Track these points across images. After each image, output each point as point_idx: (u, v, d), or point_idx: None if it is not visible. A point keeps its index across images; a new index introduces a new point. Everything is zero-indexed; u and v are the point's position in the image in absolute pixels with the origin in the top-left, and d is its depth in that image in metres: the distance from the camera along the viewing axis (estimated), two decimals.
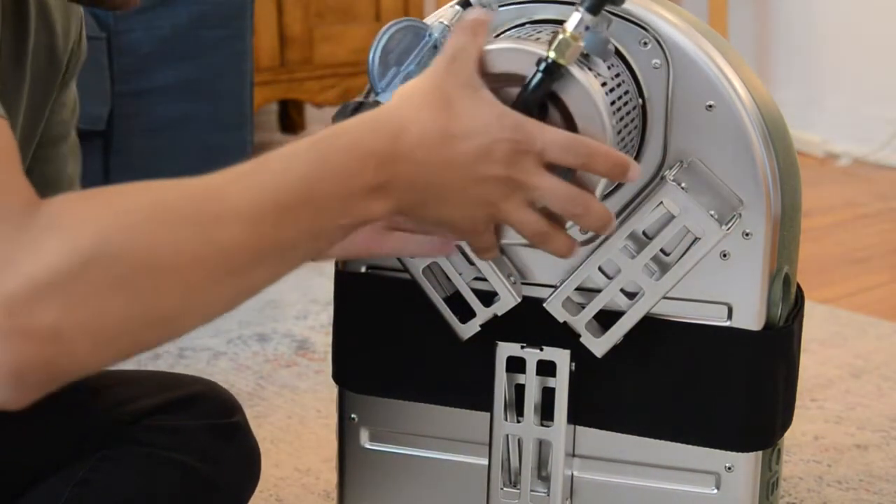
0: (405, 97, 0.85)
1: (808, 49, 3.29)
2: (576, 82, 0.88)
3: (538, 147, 0.85)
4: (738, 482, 1.05)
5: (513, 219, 0.86)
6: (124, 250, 0.71)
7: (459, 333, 1.05)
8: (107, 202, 0.73)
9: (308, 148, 0.80)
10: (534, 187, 0.85)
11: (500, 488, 1.08)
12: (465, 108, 0.84)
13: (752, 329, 1.02)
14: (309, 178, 0.79)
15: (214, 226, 0.74)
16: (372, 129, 0.82)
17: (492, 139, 0.84)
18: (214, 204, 0.75)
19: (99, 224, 0.71)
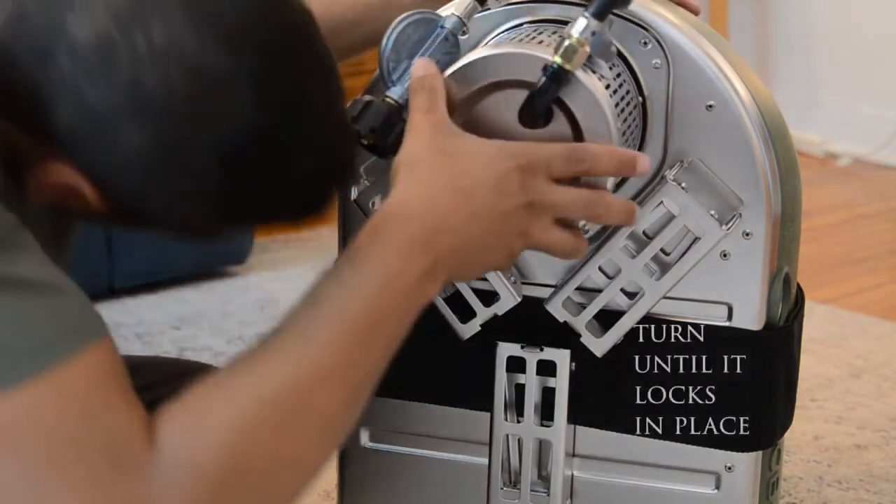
0: (408, 172, 0.86)
1: (808, 49, 3.29)
2: (582, 87, 0.89)
3: (543, 165, 0.87)
4: (738, 482, 1.05)
5: (544, 242, 0.89)
6: (251, 462, 0.74)
7: (460, 333, 1.05)
8: (214, 417, 0.74)
9: (352, 272, 0.81)
10: (552, 204, 0.87)
11: (500, 488, 1.08)
12: (465, 157, 0.86)
13: (752, 329, 1.02)
14: (369, 301, 0.80)
15: (313, 401, 0.77)
16: (398, 220, 0.83)
17: (500, 174, 0.86)
18: (305, 380, 0.77)
19: (220, 448, 0.73)
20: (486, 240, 0.86)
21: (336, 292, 0.80)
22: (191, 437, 0.73)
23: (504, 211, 0.86)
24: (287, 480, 0.76)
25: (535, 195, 0.87)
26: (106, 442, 0.71)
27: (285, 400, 0.76)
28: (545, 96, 0.88)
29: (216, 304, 2.06)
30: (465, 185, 0.85)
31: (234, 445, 0.73)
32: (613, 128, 0.89)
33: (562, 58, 0.88)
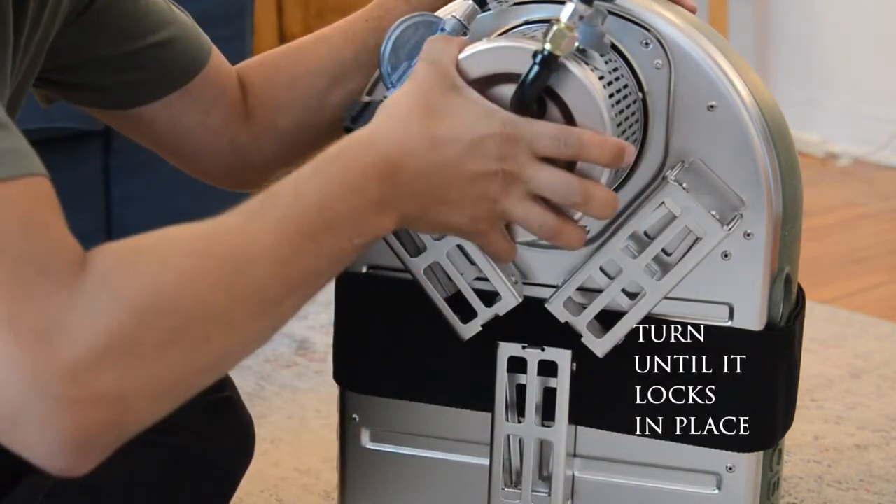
0: (390, 110, 0.87)
1: (808, 49, 3.29)
2: (572, 76, 0.88)
3: (527, 138, 0.86)
4: (739, 482, 1.05)
5: (515, 213, 0.88)
6: (177, 303, 0.73)
7: (461, 333, 1.05)
8: (149, 255, 0.74)
9: (311, 175, 0.82)
10: (528, 178, 0.87)
11: (502, 488, 1.08)
12: (449, 110, 0.86)
13: (753, 329, 1.02)
14: (321, 203, 0.81)
15: (249, 266, 0.77)
16: (364, 145, 0.84)
17: (480, 136, 0.86)
18: (245, 246, 0.77)
19: (148, 279, 0.72)
20: (447, 193, 0.86)
21: (291, 187, 0.81)
22: (121, 267, 0.72)
23: (474, 171, 0.86)
24: (212, 336, 0.75)
25: (512, 165, 0.86)
26: (38, 253, 0.71)
27: (222, 258, 0.76)
28: (535, 83, 0.88)
29: None
30: (438, 134, 0.85)
31: (163, 284, 0.72)
32: (607, 118, 0.89)
33: (550, 43, 0.87)
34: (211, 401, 1.12)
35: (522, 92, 0.88)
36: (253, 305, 0.77)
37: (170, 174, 2.11)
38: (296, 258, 0.79)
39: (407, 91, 0.87)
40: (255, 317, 0.78)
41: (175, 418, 1.09)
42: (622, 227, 1.01)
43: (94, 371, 0.69)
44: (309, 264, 0.80)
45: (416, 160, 0.85)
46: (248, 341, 0.78)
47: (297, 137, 1.14)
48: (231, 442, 1.13)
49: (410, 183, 0.85)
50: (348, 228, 0.82)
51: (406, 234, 1.05)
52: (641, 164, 1.02)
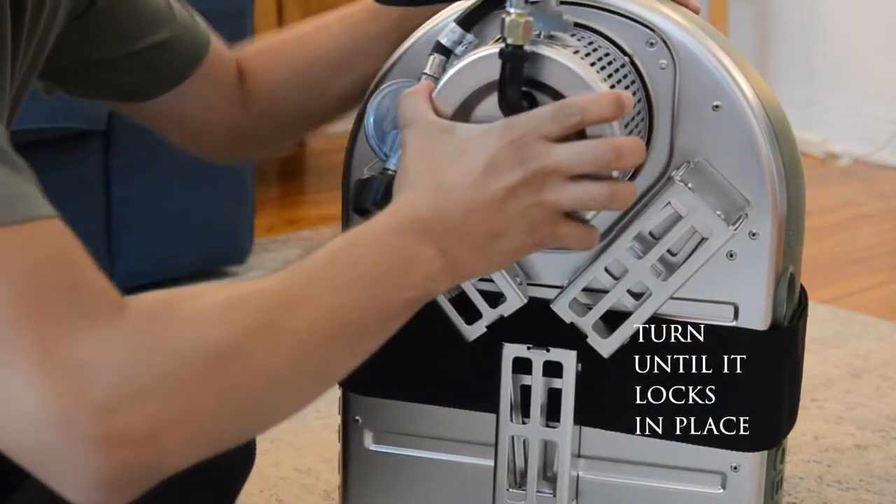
0: (400, 186, 0.87)
1: (808, 49, 3.29)
2: (544, 59, 0.89)
3: (534, 132, 0.86)
4: (743, 482, 1.05)
5: (565, 201, 0.86)
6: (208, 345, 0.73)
7: (465, 334, 1.05)
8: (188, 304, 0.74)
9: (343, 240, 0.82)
10: (557, 165, 0.86)
11: (507, 489, 1.07)
12: (450, 153, 0.86)
13: (758, 329, 1.02)
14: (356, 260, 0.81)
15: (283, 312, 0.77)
16: (391, 213, 0.85)
17: (489, 156, 0.85)
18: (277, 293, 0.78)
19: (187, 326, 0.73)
20: (493, 226, 0.85)
21: (324, 250, 0.82)
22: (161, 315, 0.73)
23: (504, 191, 0.85)
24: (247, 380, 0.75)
25: (535, 163, 0.85)
26: (76, 294, 0.71)
27: (260, 309, 0.76)
28: (513, 80, 0.88)
29: None
30: (454, 179, 0.85)
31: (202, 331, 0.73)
32: (593, 81, 0.89)
33: (508, 36, 0.87)
34: None
35: (505, 93, 0.88)
36: (290, 349, 0.77)
37: (170, 174, 2.11)
38: (333, 309, 0.79)
39: (406, 163, 0.88)
40: (293, 360, 0.78)
41: None
42: (627, 228, 1.01)
43: (126, 411, 0.69)
44: (350, 315, 0.80)
45: (448, 209, 0.84)
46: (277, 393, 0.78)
47: (296, 122, 1.15)
48: (232, 449, 1.13)
49: (450, 231, 0.84)
50: (389, 281, 0.82)
51: None
52: (647, 164, 1.01)
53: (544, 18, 0.94)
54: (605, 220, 1.02)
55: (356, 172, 1.06)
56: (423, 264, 0.83)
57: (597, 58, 0.94)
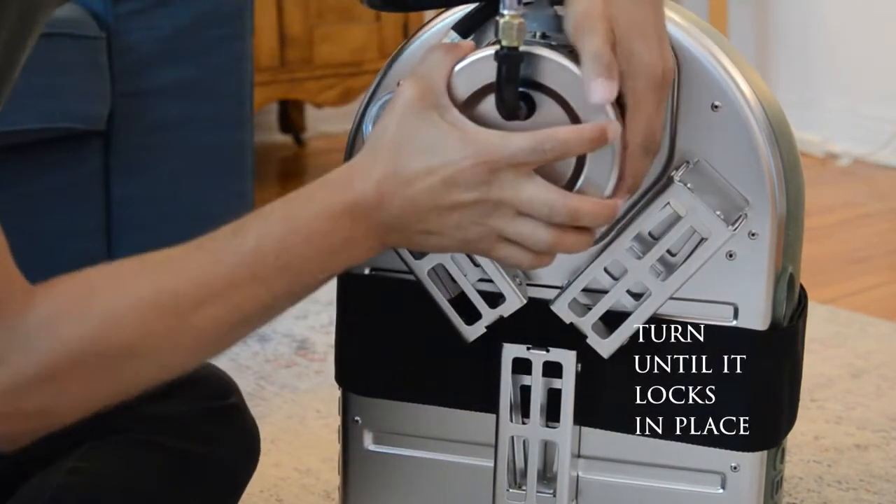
0: (371, 144, 0.89)
1: (808, 49, 3.29)
2: (540, 59, 0.89)
3: (506, 158, 0.86)
4: (743, 482, 1.05)
5: (507, 233, 0.89)
6: (110, 348, 0.81)
7: (465, 335, 1.05)
8: (95, 300, 0.82)
9: (279, 219, 0.86)
10: (513, 201, 0.87)
11: (506, 490, 1.07)
12: (425, 140, 0.87)
13: (757, 329, 1.02)
14: (284, 248, 0.85)
15: (194, 313, 0.83)
16: (340, 188, 0.87)
17: (454, 168, 0.86)
18: (193, 289, 0.83)
19: (88, 327, 0.81)
20: (426, 224, 0.88)
21: (256, 228, 0.85)
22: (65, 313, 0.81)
23: (450, 204, 0.87)
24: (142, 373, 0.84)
25: (496, 193, 0.87)
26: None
27: (167, 306, 0.83)
28: (508, 83, 0.88)
29: None
30: (414, 168, 0.86)
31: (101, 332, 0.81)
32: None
33: (503, 38, 0.88)
34: (217, 407, 1.12)
35: (501, 96, 0.88)
36: (191, 346, 0.84)
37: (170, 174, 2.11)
38: (246, 301, 0.85)
39: (388, 121, 0.88)
40: (192, 353, 0.85)
41: (181, 424, 1.10)
42: (627, 228, 1.01)
43: (22, 395, 0.80)
44: (260, 305, 0.86)
45: (391, 197, 0.87)
46: (181, 370, 0.86)
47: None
48: (237, 448, 1.13)
49: (387, 219, 0.87)
50: (311, 268, 0.86)
51: None
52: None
53: (539, 19, 0.94)
54: None
55: None
56: (350, 250, 0.87)
57: None
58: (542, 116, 0.90)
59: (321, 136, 3.21)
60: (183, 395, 1.11)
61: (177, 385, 1.11)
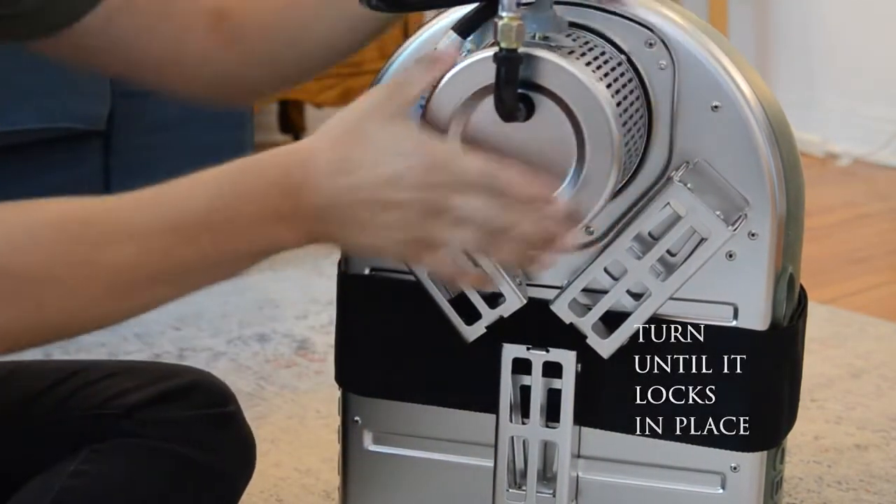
0: (325, 127, 0.88)
1: (808, 49, 3.29)
2: (538, 61, 0.89)
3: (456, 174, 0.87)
4: (743, 482, 1.05)
5: (440, 240, 0.88)
6: (21, 270, 0.80)
7: (465, 335, 1.05)
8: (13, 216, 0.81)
9: (214, 176, 0.85)
10: (453, 207, 0.87)
11: (506, 490, 1.07)
12: (378, 137, 0.87)
13: (757, 329, 1.03)
14: (210, 205, 0.84)
15: (107, 247, 0.82)
16: (278, 160, 0.86)
17: (403, 166, 0.86)
18: (106, 224, 0.82)
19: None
20: (357, 216, 0.87)
21: (191, 183, 0.85)
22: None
23: (389, 201, 0.86)
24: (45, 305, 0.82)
25: (435, 196, 0.86)
26: None
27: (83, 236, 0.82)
28: (507, 84, 0.88)
29: (216, 305, 2.06)
30: (357, 158, 0.86)
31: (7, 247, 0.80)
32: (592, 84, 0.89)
33: (502, 40, 0.88)
34: (214, 414, 1.12)
35: (500, 97, 0.88)
36: (101, 285, 0.82)
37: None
38: (165, 253, 0.83)
39: (349, 111, 0.88)
40: (104, 297, 0.83)
41: (181, 429, 1.10)
42: (627, 228, 1.01)
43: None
44: (177, 259, 0.84)
45: (324, 181, 0.86)
46: (95, 317, 0.84)
47: (286, 62, 1.12)
48: (233, 455, 1.13)
49: (316, 203, 0.86)
50: (235, 236, 0.85)
51: None
52: (646, 164, 1.02)
53: (539, 20, 0.94)
54: (603, 220, 1.02)
55: None
56: (275, 228, 0.86)
57: (592, 57, 0.94)
58: (542, 118, 0.90)
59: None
60: (181, 401, 1.11)
61: (175, 391, 1.11)
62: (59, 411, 1.10)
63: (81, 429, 1.09)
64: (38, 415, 1.10)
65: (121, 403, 1.10)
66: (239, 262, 0.87)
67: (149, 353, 1.87)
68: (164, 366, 1.23)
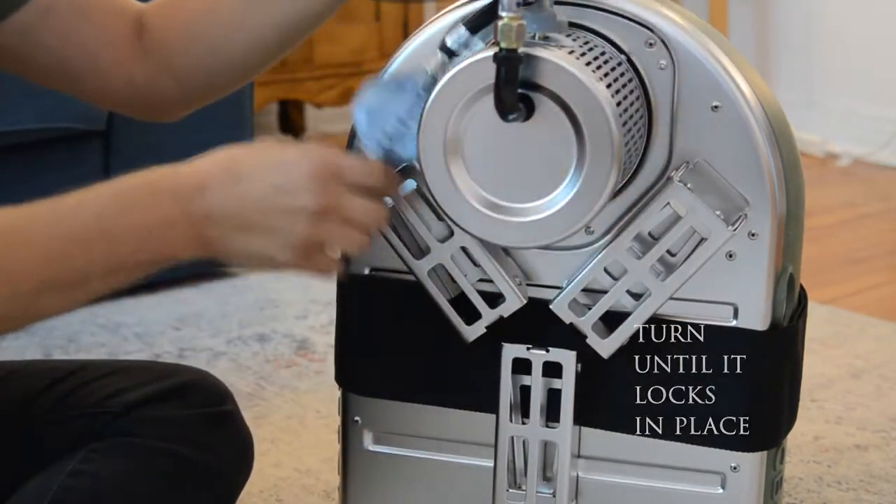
0: (217, 149, 0.93)
1: (808, 49, 3.29)
2: (538, 59, 0.89)
3: (341, 170, 0.92)
4: (743, 482, 1.05)
5: (331, 239, 0.93)
6: None
7: (465, 335, 1.05)
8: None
9: (110, 187, 0.89)
10: (340, 207, 0.92)
11: (506, 490, 1.07)
12: (266, 152, 0.92)
13: (757, 329, 1.03)
14: (103, 212, 0.88)
15: (6, 253, 0.85)
16: (171, 171, 0.90)
17: (290, 172, 0.91)
18: (5, 231, 0.85)
19: None
20: (250, 220, 0.91)
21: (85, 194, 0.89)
22: None
23: (281, 206, 0.91)
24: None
25: (329, 199, 0.92)
26: None
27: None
28: (507, 85, 0.89)
29: (216, 305, 2.06)
30: (247, 170, 0.91)
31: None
32: (592, 84, 0.89)
33: (502, 40, 0.88)
34: (211, 413, 1.12)
35: (500, 97, 0.89)
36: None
37: None
38: (62, 259, 0.86)
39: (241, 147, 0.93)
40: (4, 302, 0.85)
41: (178, 428, 1.10)
42: (627, 228, 1.01)
43: None
44: (75, 267, 0.87)
45: (215, 186, 0.90)
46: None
47: (211, 71, 1.13)
48: (230, 454, 1.13)
49: (205, 208, 0.89)
50: (130, 243, 0.88)
51: (409, 235, 1.05)
52: (646, 164, 1.02)
53: (539, 20, 0.94)
54: (603, 220, 1.02)
55: None
56: (168, 232, 0.89)
57: (592, 57, 0.94)
58: (542, 118, 0.91)
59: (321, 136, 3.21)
60: (178, 400, 1.11)
61: (172, 390, 1.11)
62: (57, 411, 1.10)
63: (80, 428, 1.09)
64: (37, 415, 1.10)
65: (119, 402, 1.10)
66: (134, 270, 0.90)
67: (149, 353, 1.88)
68: (162, 365, 1.23)
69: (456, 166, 0.93)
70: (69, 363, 1.17)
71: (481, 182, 0.93)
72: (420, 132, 0.93)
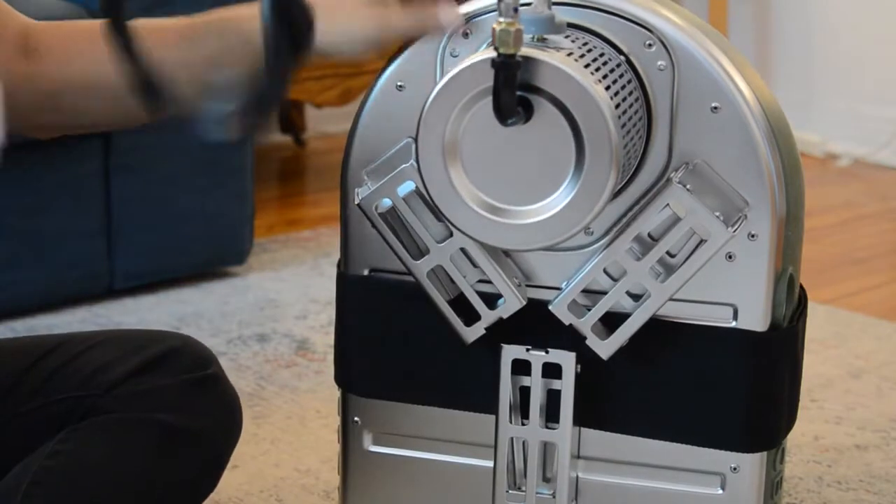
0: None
1: (808, 49, 3.29)
2: (536, 62, 0.89)
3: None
4: (743, 482, 1.05)
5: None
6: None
7: (464, 336, 1.05)
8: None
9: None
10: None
11: (506, 491, 1.08)
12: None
13: (757, 330, 1.03)
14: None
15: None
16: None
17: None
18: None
19: None
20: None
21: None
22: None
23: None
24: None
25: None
26: None
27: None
28: (506, 89, 0.89)
29: (216, 305, 2.06)
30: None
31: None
32: (590, 85, 0.89)
33: (500, 45, 0.88)
34: (195, 378, 1.12)
35: (499, 102, 0.88)
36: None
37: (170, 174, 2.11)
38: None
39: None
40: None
41: (162, 397, 1.10)
42: (626, 229, 1.01)
43: None
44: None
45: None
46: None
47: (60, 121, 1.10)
48: (217, 417, 1.13)
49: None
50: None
51: (408, 236, 1.05)
52: (646, 165, 1.02)
53: (537, 21, 0.94)
54: (603, 221, 1.02)
55: (355, 172, 1.06)
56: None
57: (591, 59, 0.94)
58: (540, 121, 0.91)
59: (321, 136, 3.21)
60: (162, 367, 1.11)
61: (155, 359, 1.11)
62: (41, 394, 1.10)
63: (65, 411, 1.09)
64: (23, 399, 1.10)
65: (103, 380, 1.09)
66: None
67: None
68: (146, 332, 1.21)
69: (454, 169, 0.93)
70: (52, 338, 1.16)
71: (480, 184, 0.93)
72: (419, 134, 0.93)
